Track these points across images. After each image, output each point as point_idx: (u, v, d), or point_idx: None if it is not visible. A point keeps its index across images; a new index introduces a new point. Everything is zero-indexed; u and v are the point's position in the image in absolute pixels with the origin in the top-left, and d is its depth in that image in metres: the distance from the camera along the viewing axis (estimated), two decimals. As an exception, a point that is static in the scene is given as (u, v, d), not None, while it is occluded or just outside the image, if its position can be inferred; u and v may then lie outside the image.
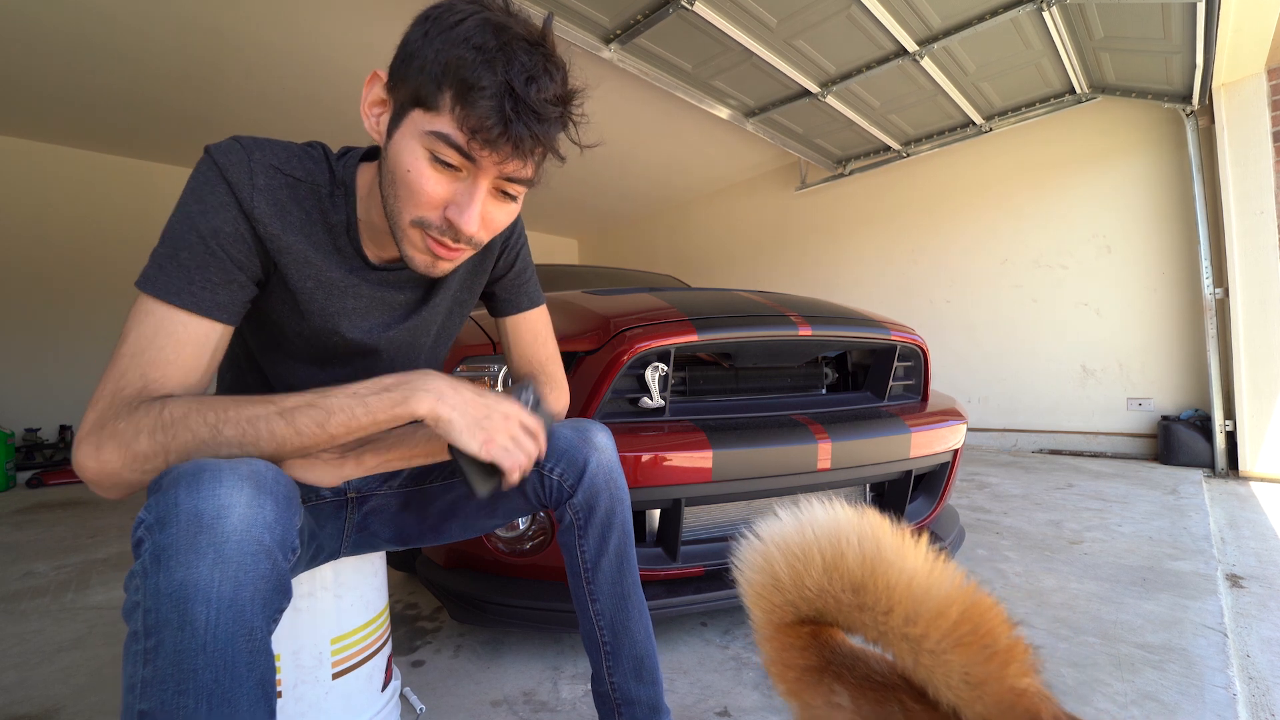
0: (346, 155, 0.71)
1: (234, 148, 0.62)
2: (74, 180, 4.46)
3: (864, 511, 0.37)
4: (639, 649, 0.81)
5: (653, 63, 3.07)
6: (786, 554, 0.38)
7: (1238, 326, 2.93)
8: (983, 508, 2.35)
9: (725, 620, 1.42)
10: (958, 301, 4.21)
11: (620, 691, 0.80)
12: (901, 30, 2.82)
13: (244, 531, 0.47)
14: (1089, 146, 3.59)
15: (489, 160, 0.57)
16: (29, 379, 4.29)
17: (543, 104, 0.56)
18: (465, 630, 1.40)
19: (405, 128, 0.58)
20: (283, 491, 0.52)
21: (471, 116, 0.54)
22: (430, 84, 0.55)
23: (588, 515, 0.78)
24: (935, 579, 0.32)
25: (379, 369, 0.72)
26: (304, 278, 0.67)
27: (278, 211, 0.63)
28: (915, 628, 0.32)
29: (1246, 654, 1.20)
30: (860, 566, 0.34)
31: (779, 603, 0.39)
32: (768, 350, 1.41)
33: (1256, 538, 1.93)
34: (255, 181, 0.62)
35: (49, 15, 2.84)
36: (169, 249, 0.59)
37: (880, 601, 0.33)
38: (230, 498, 0.47)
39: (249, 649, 0.47)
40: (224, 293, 0.61)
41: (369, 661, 0.89)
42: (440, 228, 0.61)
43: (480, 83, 0.53)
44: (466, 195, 0.59)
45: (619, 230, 7.42)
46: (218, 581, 0.45)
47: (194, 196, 0.60)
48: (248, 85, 3.60)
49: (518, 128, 0.55)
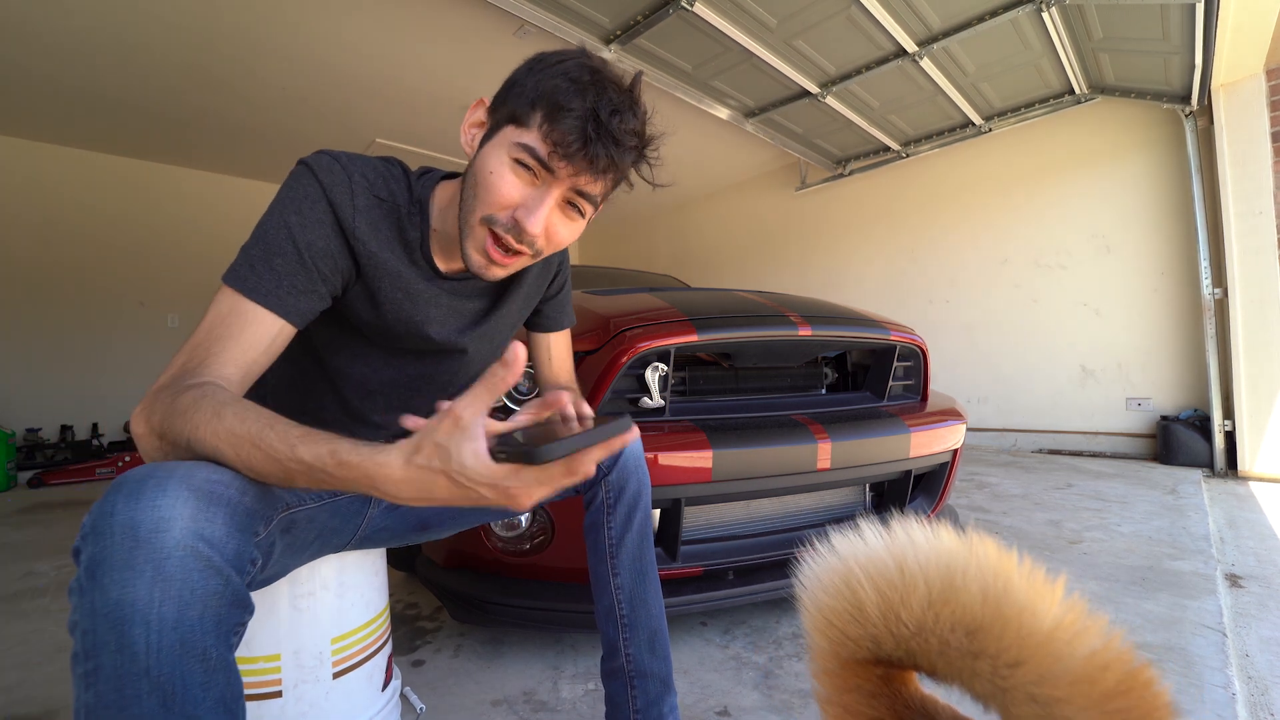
0: (426, 175, 0.76)
1: (334, 166, 0.66)
2: (76, 181, 4.46)
3: (978, 539, 0.31)
4: (654, 622, 0.86)
5: (653, 63, 3.07)
6: (877, 579, 0.32)
7: (1237, 327, 2.93)
8: (982, 508, 2.35)
9: (725, 620, 1.42)
10: (957, 301, 4.21)
11: (635, 663, 0.84)
12: (901, 31, 2.82)
13: (188, 547, 0.44)
14: (1088, 147, 3.59)
15: (564, 172, 0.62)
16: (30, 379, 4.29)
17: (622, 133, 0.62)
18: (465, 630, 1.40)
19: (496, 140, 0.65)
20: (242, 501, 0.49)
21: (556, 131, 0.60)
22: (525, 105, 0.62)
23: (619, 494, 0.85)
24: (1082, 633, 0.27)
25: (464, 368, 0.83)
26: (394, 289, 0.72)
27: (374, 230, 0.69)
28: (1052, 690, 0.26)
29: (1245, 653, 1.20)
30: (982, 606, 0.29)
31: (856, 635, 0.33)
32: (768, 350, 1.41)
33: (1255, 538, 1.93)
34: (356, 202, 0.67)
35: (50, 15, 2.84)
36: (263, 252, 0.62)
37: (1007, 652, 0.28)
38: (173, 510, 0.44)
39: (203, 669, 0.44)
40: (305, 300, 0.65)
41: (369, 661, 0.89)
42: (506, 225, 0.65)
43: (570, 105, 0.60)
44: (537, 200, 0.64)
45: (619, 230, 7.42)
46: (158, 602, 0.43)
47: (294, 207, 0.64)
48: (249, 86, 3.60)
49: (596, 147, 0.61)
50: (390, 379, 0.81)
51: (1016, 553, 0.30)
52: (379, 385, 0.81)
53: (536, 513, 1.19)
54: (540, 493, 0.50)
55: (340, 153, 0.68)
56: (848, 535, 0.34)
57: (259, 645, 0.79)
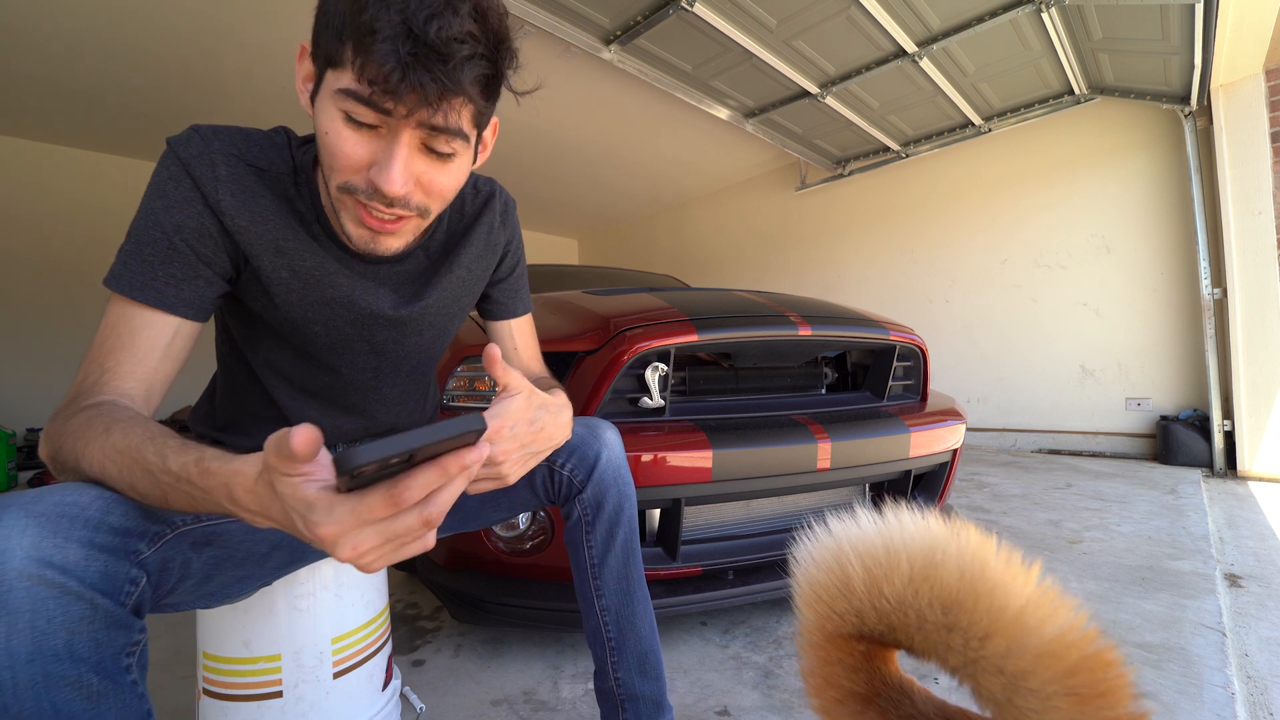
0: (310, 142, 0.67)
1: (194, 139, 0.60)
2: (75, 180, 4.46)
3: (962, 525, 0.33)
4: (643, 644, 0.81)
5: (653, 63, 3.07)
6: (864, 557, 0.34)
7: (1236, 327, 2.93)
8: (982, 507, 2.35)
9: (725, 620, 1.42)
10: (957, 301, 4.21)
11: (624, 687, 0.80)
12: (900, 31, 2.82)
13: (32, 575, 0.41)
14: (1088, 147, 3.59)
15: (399, 111, 0.51)
16: (30, 379, 4.29)
17: (447, 43, 0.49)
18: (465, 630, 1.40)
19: (321, 92, 0.55)
20: (105, 520, 0.46)
21: (370, 65, 0.49)
22: (334, 38, 0.51)
23: (596, 510, 0.78)
24: (1050, 612, 0.29)
25: (390, 365, 0.76)
26: (278, 268, 0.64)
27: (245, 202, 0.61)
28: (1018, 662, 0.28)
29: (1245, 653, 1.20)
30: (958, 583, 0.31)
31: (842, 610, 0.35)
32: (767, 350, 1.41)
33: (1255, 537, 1.93)
34: (218, 172, 0.60)
35: (50, 15, 2.84)
36: (133, 245, 0.58)
37: (978, 625, 0.30)
38: (8, 540, 0.41)
39: (83, 698, 0.42)
40: (189, 288, 0.60)
41: (369, 661, 0.89)
42: (366, 191, 0.56)
43: (375, 25, 0.48)
44: (386, 153, 0.54)
45: (619, 230, 7.42)
46: (4, 638, 0.40)
47: (157, 191, 0.59)
48: (246, 85, 3.60)
49: (418, 73, 0.48)
50: (313, 379, 0.74)
51: (1005, 545, 0.32)
52: (309, 387, 0.75)
53: (536, 512, 1.19)
54: (352, 534, 0.39)
55: (208, 125, 0.61)
56: (841, 518, 0.37)
57: (259, 645, 0.79)
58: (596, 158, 4.91)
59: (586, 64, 3.24)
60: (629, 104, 3.94)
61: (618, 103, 3.91)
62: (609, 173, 5.34)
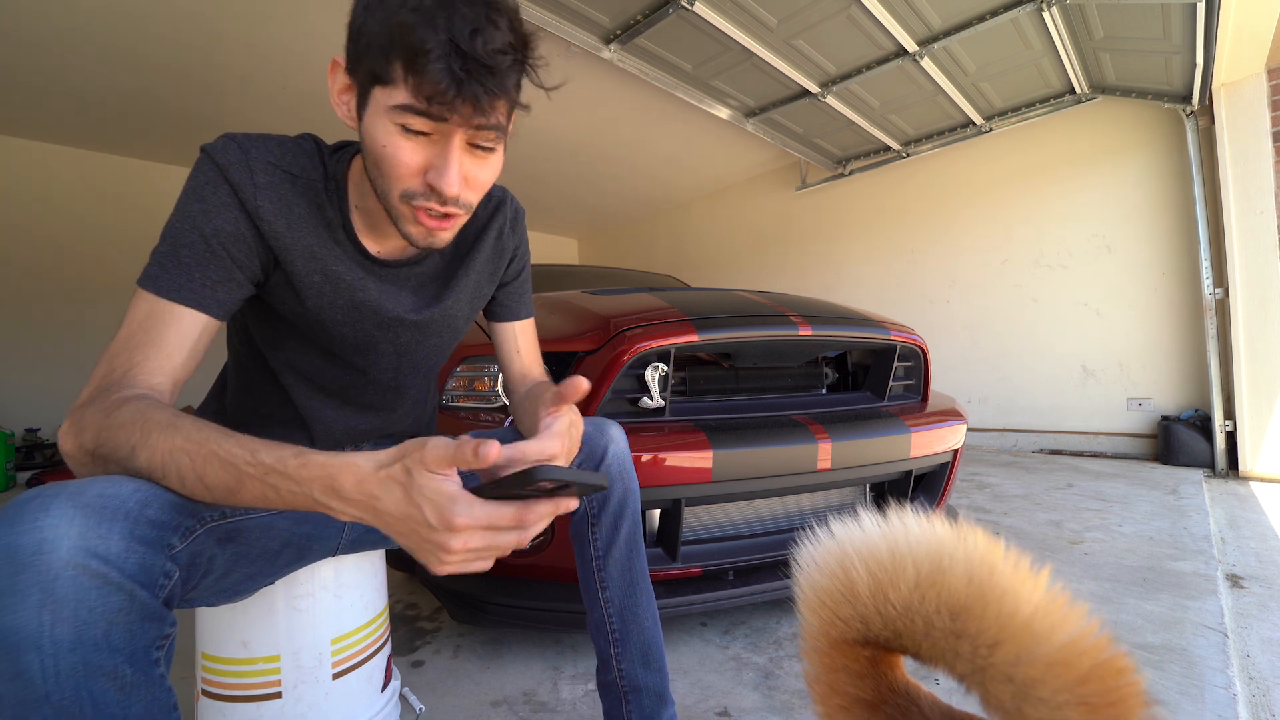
0: (343, 149, 0.71)
1: (231, 146, 0.63)
2: (76, 180, 4.46)
3: (968, 529, 0.32)
4: (646, 635, 0.82)
5: (653, 63, 3.07)
6: (870, 561, 0.33)
7: (1237, 326, 2.93)
8: (983, 508, 2.35)
9: (725, 620, 1.42)
10: (958, 301, 4.21)
11: (628, 679, 0.81)
12: (901, 30, 2.82)
13: (78, 565, 0.42)
14: (1089, 146, 3.59)
15: (454, 119, 0.56)
16: (29, 379, 4.29)
17: (492, 55, 0.54)
18: (465, 630, 1.40)
19: (371, 108, 0.58)
20: (144, 514, 0.47)
21: (425, 83, 0.53)
22: (380, 58, 0.55)
23: (602, 504, 0.81)
24: (1061, 619, 0.28)
25: (409, 365, 0.79)
26: (311, 272, 0.67)
27: (281, 208, 0.64)
28: (1028, 670, 0.28)
29: (1247, 654, 1.20)
30: (966, 588, 0.30)
31: (847, 615, 0.35)
32: (768, 350, 1.41)
33: (1256, 538, 1.93)
34: (256, 180, 0.63)
35: (50, 15, 2.84)
36: (169, 247, 0.60)
37: (987, 632, 0.29)
38: (56, 530, 0.42)
39: (118, 688, 0.43)
40: (221, 290, 0.62)
41: (369, 662, 0.89)
42: (425, 194, 0.60)
43: (425, 46, 0.52)
44: (442, 158, 0.59)
45: (619, 230, 7.41)
46: (49, 625, 0.41)
47: (195, 196, 0.61)
48: (248, 85, 3.59)
49: (472, 86, 0.53)
50: (335, 379, 0.77)
51: (1006, 545, 0.31)
52: (330, 386, 0.78)
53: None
54: (474, 533, 0.46)
55: (241, 133, 0.64)
56: (845, 521, 0.36)
57: (258, 646, 0.79)
58: (596, 157, 4.90)
59: (587, 63, 3.24)
60: (629, 103, 3.93)
61: (618, 102, 3.91)
62: (609, 172, 5.34)
